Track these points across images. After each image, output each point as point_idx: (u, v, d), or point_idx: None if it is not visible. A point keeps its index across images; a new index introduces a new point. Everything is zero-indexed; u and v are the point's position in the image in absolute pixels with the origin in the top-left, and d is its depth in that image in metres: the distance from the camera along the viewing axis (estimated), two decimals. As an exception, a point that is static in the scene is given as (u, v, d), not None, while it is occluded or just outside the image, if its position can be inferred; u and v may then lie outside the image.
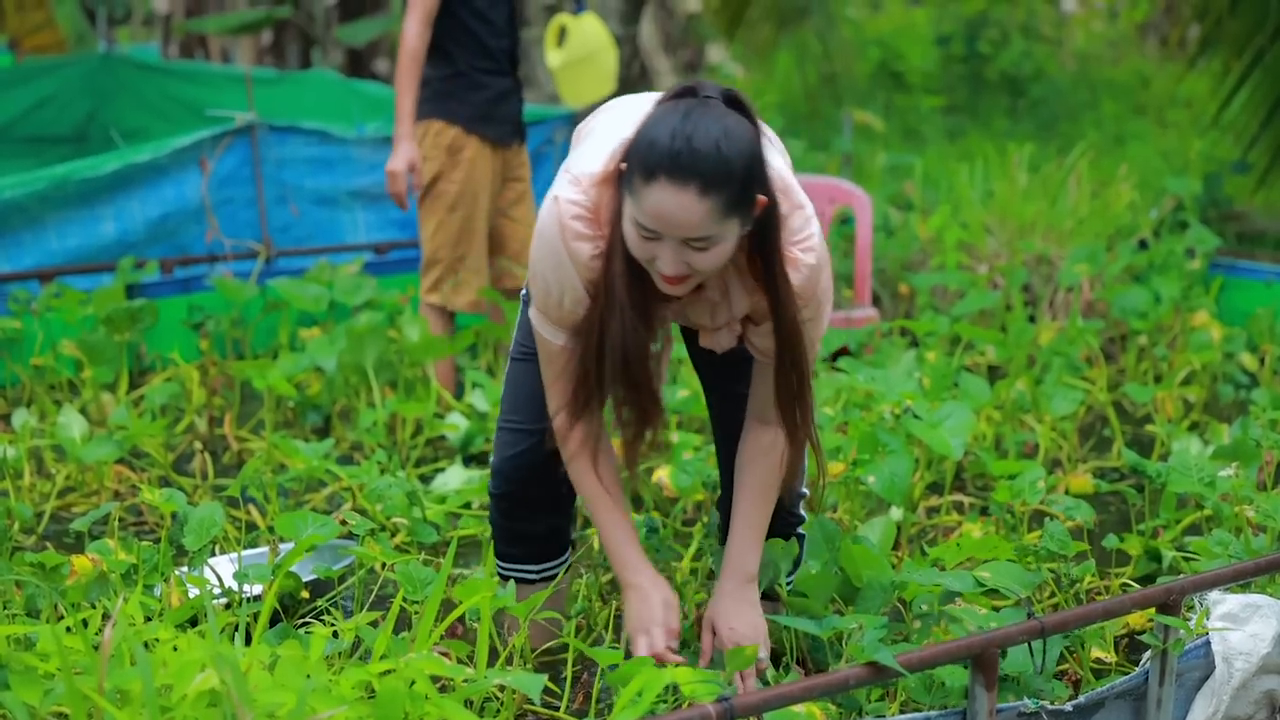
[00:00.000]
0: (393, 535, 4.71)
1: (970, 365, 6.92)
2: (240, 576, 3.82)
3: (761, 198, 3.21)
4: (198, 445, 5.91)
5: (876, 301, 8.01)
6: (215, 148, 7.66)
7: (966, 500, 5.40)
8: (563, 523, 4.08)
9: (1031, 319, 7.59)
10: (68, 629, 3.21)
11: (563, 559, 4.11)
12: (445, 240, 6.50)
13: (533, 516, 3.98)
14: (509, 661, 3.86)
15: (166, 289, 7.15)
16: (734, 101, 3.23)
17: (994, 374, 6.93)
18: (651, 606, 3.57)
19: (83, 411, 6.11)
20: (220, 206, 7.66)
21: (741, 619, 3.58)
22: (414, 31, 6.29)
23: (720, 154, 3.09)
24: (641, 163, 3.13)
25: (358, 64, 16.54)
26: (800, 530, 4.11)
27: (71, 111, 12.34)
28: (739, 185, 3.13)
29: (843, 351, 6.88)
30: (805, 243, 3.37)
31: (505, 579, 4.04)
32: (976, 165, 9.28)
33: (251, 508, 5.12)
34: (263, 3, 17.42)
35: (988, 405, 5.69)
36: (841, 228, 8.02)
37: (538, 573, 4.07)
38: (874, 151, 10.90)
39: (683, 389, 5.71)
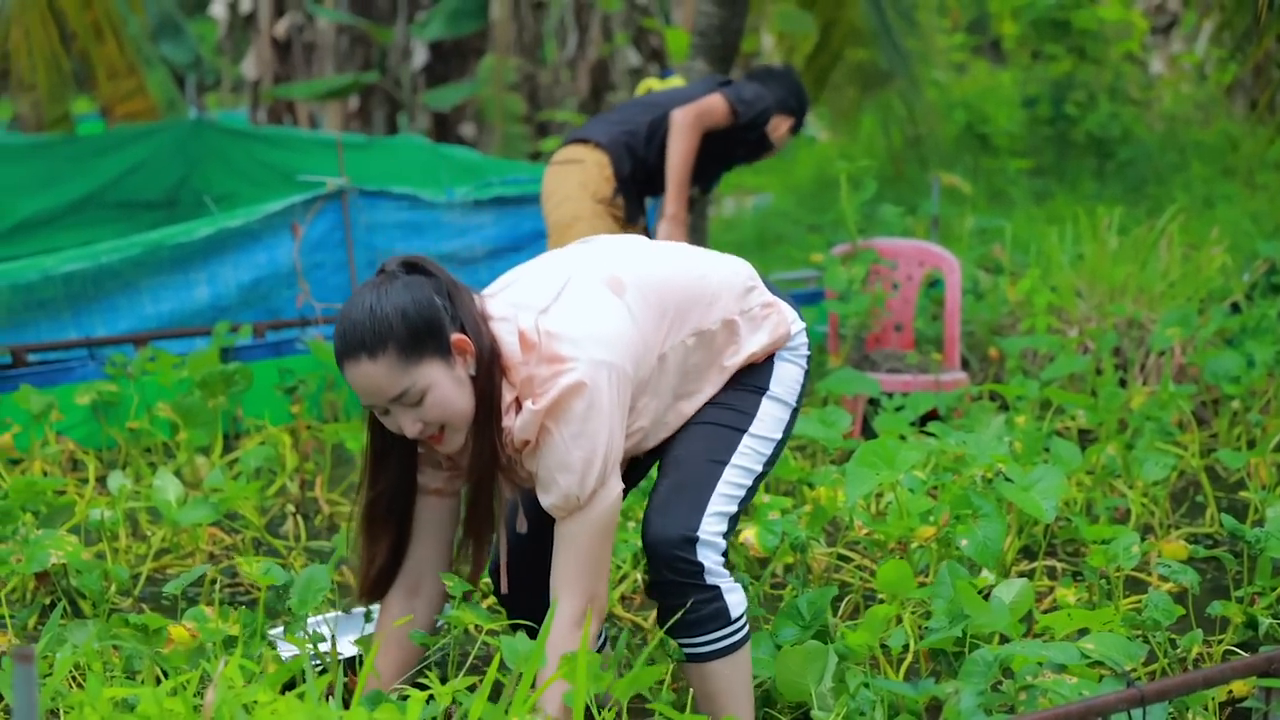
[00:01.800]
0: (484, 596, 4.72)
1: (1060, 430, 6.88)
2: (359, 643, 3.86)
3: (458, 336, 3.44)
4: (290, 508, 5.94)
5: (965, 365, 7.98)
6: (307, 212, 7.74)
7: (1059, 565, 5.37)
8: None
9: (1122, 383, 7.54)
10: (170, 692, 3.23)
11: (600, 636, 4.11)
12: None
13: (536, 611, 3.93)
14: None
15: (259, 352, 7.20)
16: (412, 267, 3.54)
17: (1084, 438, 6.89)
18: None
19: (177, 474, 6.16)
20: (311, 271, 7.73)
21: None
22: (697, 136, 6.71)
23: (374, 316, 3.39)
24: (335, 357, 3.49)
25: (444, 128, 16.66)
26: (722, 595, 3.70)
27: (163, 177, 12.48)
28: (403, 335, 3.39)
29: (932, 415, 6.86)
30: (548, 391, 3.48)
31: None
32: (1065, 228, 9.25)
33: (345, 569, 5.15)
34: (350, 68, 17.57)
35: (1079, 470, 5.65)
36: (930, 291, 8.01)
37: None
38: (961, 214, 10.88)
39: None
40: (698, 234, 7.16)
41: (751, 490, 3.81)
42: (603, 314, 3.59)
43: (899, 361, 7.37)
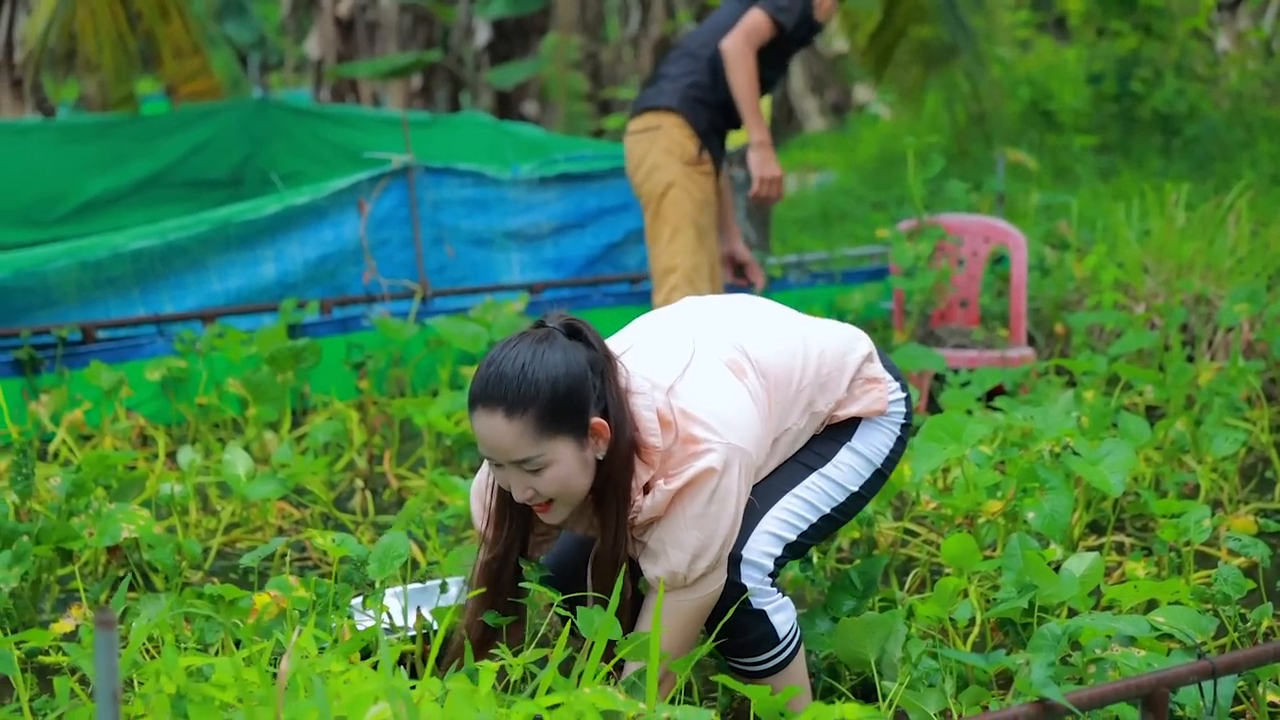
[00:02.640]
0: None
1: (1128, 405, 6.85)
2: (436, 612, 3.88)
3: (598, 420, 3.38)
4: (358, 483, 5.98)
5: (1031, 341, 7.95)
6: (373, 190, 7.77)
7: (1127, 540, 5.35)
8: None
9: (1190, 359, 7.51)
10: (244, 661, 3.26)
11: None
12: (683, 248, 6.62)
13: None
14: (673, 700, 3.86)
15: (325, 329, 7.24)
16: (574, 332, 3.44)
17: (1151, 414, 6.86)
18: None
19: (246, 449, 6.20)
20: (377, 247, 7.77)
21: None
22: (753, 60, 6.68)
23: (525, 377, 3.32)
24: (469, 396, 3.42)
25: (506, 106, 16.70)
26: (767, 618, 3.68)
27: (228, 156, 12.55)
28: (547, 405, 3.32)
29: (997, 391, 6.84)
30: (682, 472, 3.45)
31: None
32: (1132, 204, 9.20)
33: (412, 544, 5.17)
34: (413, 47, 17.62)
35: (1147, 445, 5.63)
36: (996, 267, 7.98)
37: None
38: (1027, 191, 10.84)
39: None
40: (725, 205, 7.10)
41: (817, 530, 3.77)
42: (731, 397, 3.55)
43: (964, 337, 7.36)
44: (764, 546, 3.61)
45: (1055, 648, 3.59)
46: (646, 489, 3.47)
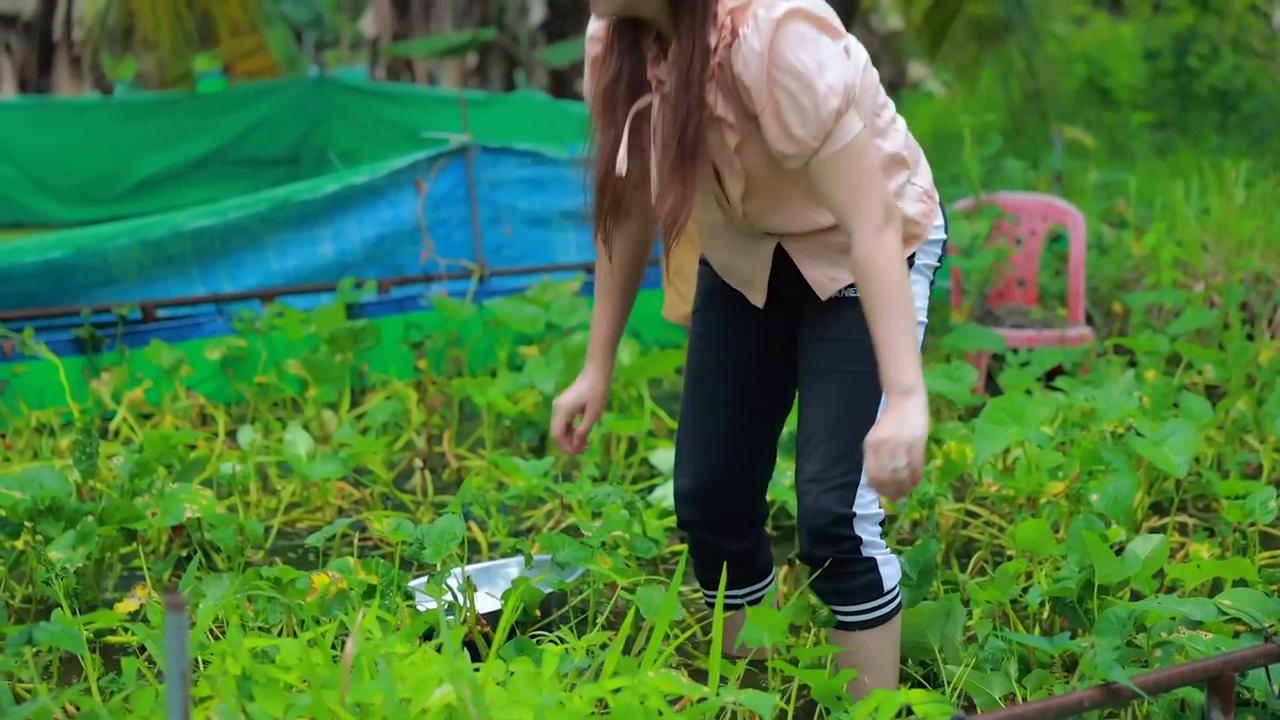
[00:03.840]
0: (613, 549, 4.73)
1: (1188, 385, 6.82)
2: (512, 592, 3.88)
3: None
4: (417, 463, 5.99)
5: (1089, 321, 7.92)
6: (430, 169, 7.78)
7: (1190, 521, 5.33)
8: (754, 546, 4.02)
9: (1250, 337, 7.47)
10: (308, 643, 3.28)
11: (764, 583, 4.10)
12: None
13: (722, 543, 3.93)
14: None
15: (383, 308, 7.26)
16: None
17: (1211, 393, 6.82)
18: (569, 393, 3.84)
19: (305, 428, 6.22)
20: (435, 227, 7.78)
21: (885, 427, 3.26)
22: None
23: None
24: None
25: (561, 84, 16.68)
26: (877, 568, 3.61)
27: (285, 134, 12.60)
28: None
29: (1057, 371, 6.81)
30: (774, 3, 3.22)
31: (710, 605, 4.06)
32: (1190, 182, 9.15)
33: (472, 524, 5.18)
34: (468, 25, 17.62)
35: (1209, 425, 5.59)
36: (1054, 245, 7.95)
37: (742, 598, 4.07)
38: (1084, 168, 10.79)
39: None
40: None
41: None
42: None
43: (1023, 317, 7.33)
44: (871, 495, 3.55)
45: (1121, 631, 3.58)
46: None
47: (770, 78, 3.19)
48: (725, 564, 3.80)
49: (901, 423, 3.22)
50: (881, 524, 3.59)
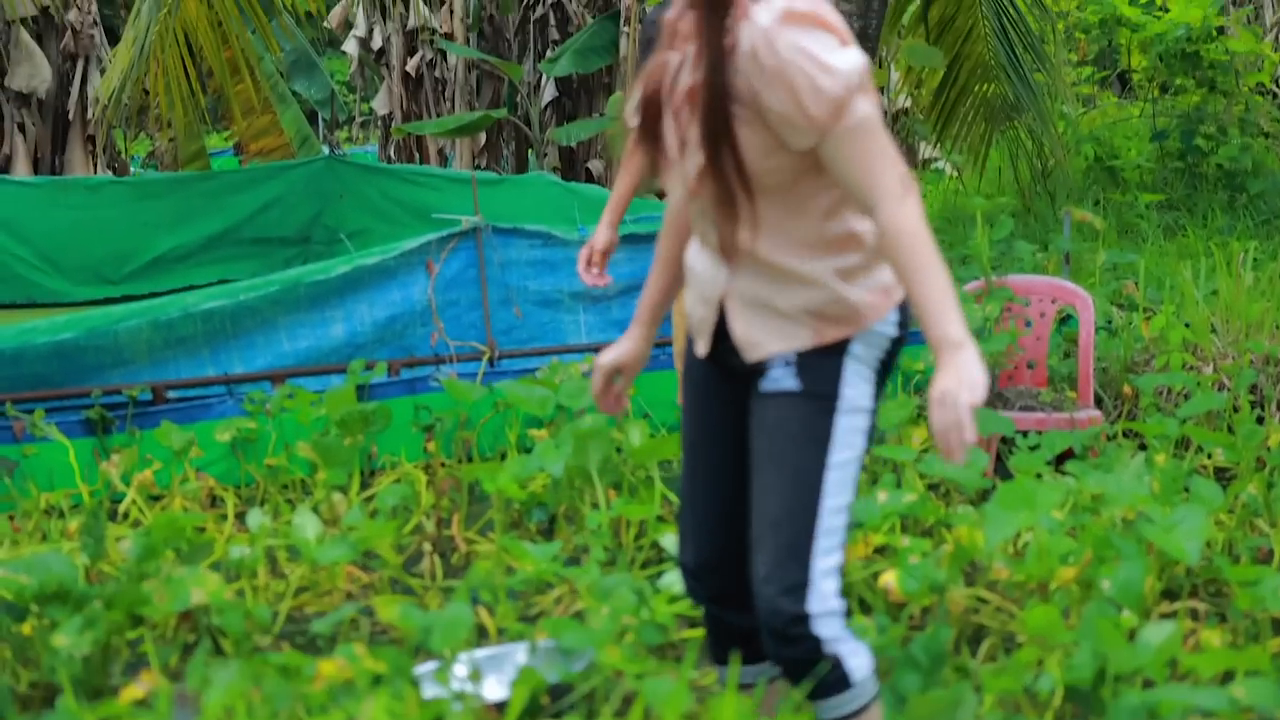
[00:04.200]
0: (620, 635, 4.72)
1: (1198, 468, 6.81)
2: (519, 683, 3.86)
3: None
4: (426, 546, 5.99)
5: (1099, 403, 7.92)
6: (441, 251, 7.80)
7: (1201, 607, 5.31)
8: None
9: (1260, 420, 7.46)
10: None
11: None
12: None
13: (730, 617, 3.86)
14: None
15: (394, 390, 7.27)
16: None
17: (1221, 476, 6.81)
18: (612, 350, 3.85)
19: (315, 511, 6.22)
20: (445, 308, 7.80)
21: (944, 379, 3.19)
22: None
23: None
24: None
25: (571, 163, 16.76)
26: (842, 663, 3.48)
27: (297, 213, 12.64)
28: None
29: (1068, 454, 6.81)
30: (770, 4, 3.26)
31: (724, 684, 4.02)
32: (1199, 263, 9.17)
33: (481, 609, 5.17)
34: (480, 104, 17.71)
35: (1219, 509, 5.58)
36: (1063, 327, 7.96)
37: (755, 675, 4.03)
38: (1093, 249, 10.81)
39: (909, 492, 5.68)
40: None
41: (852, 503, 3.56)
42: None
43: (1032, 399, 7.33)
44: (827, 586, 3.44)
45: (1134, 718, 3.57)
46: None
47: (782, 53, 3.22)
48: (735, 641, 3.77)
49: (959, 373, 3.17)
50: (847, 613, 3.53)
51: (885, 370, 3.59)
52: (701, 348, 3.64)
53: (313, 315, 7.55)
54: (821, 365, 3.45)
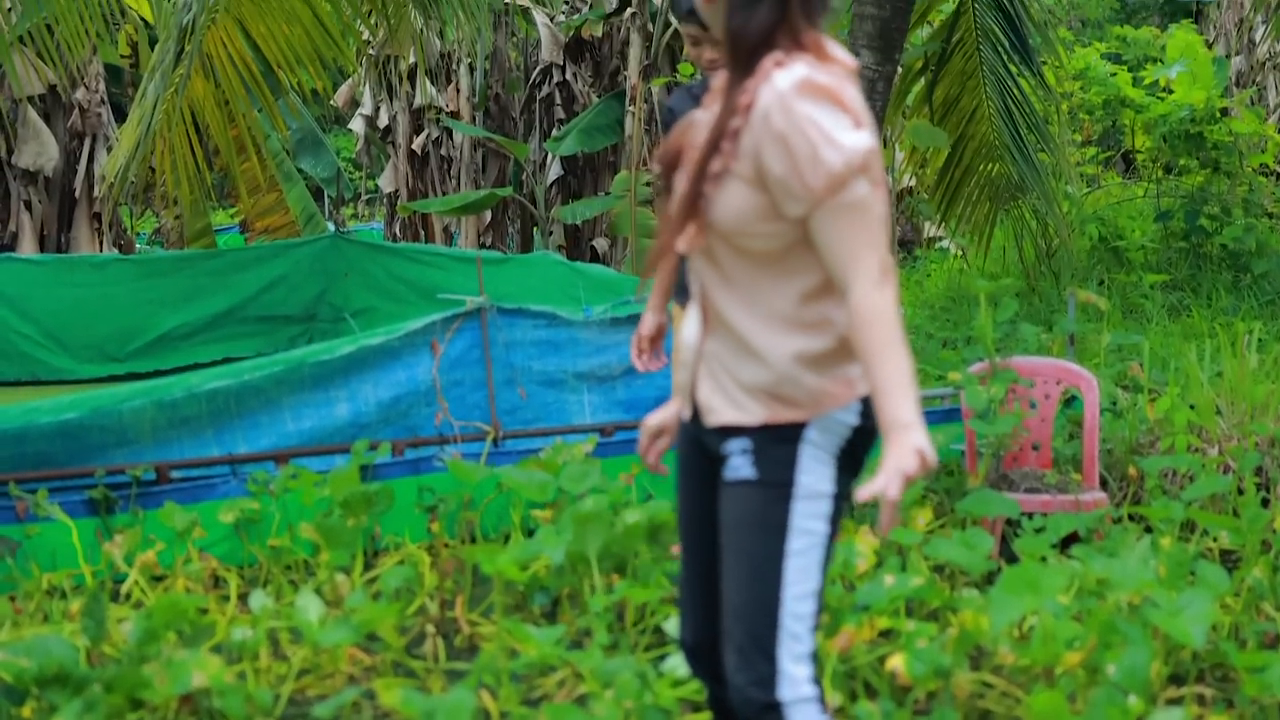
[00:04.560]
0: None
1: (1204, 552, 6.79)
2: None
3: None
4: (429, 628, 5.96)
5: (1104, 484, 7.90)
6: (446, 331, 7.80)
7: (1208, 692, 5.28)
8: None
9: (1265, 503, 7.44)
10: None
11: None
12: None
13: (726, 696, 3.87)
14: None
15: (397, 470, 7.26)
16: None
17: (1227, 558, 6.80)
18: (661, 414, 3.89)
19: (317, 592, 6.20)
20: (450, 388, 7.79)
21: (889, 459, 3.21)
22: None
23: None
24: None
25: (576, 242, 16.81)
26: None
27: (302, 291, 12.66)
28: None
29: (1073, 537, 6.79)
30: (791, 72, 3.33)
31: None
32: (1204, 344, 9.17)
33: (484, 692, 5.15)
34: (485, 182, 17.77)
35: (1225, 593, 5.56)
36: (1068, 409, 7.95)
37: None
38: (1097, 330, 10.82)
39: (915, 575, 5.66)
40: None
41: (820, 588, 3.54)
42: None
43: (1037, 481, 7.32)
44: (798, 673, 3.42)
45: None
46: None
47: (792, 118, 3.28)
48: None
49: (900, 454, 3.20)
50: (819, 699, 3.47)
51: (851, 459, 3.57)
52: (685, 411, 3.68)
53: (317, 395, 7.55)
54: (777, 452, 3.46)
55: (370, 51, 18.88)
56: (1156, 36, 22.08)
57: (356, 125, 19.60)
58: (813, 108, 3.28)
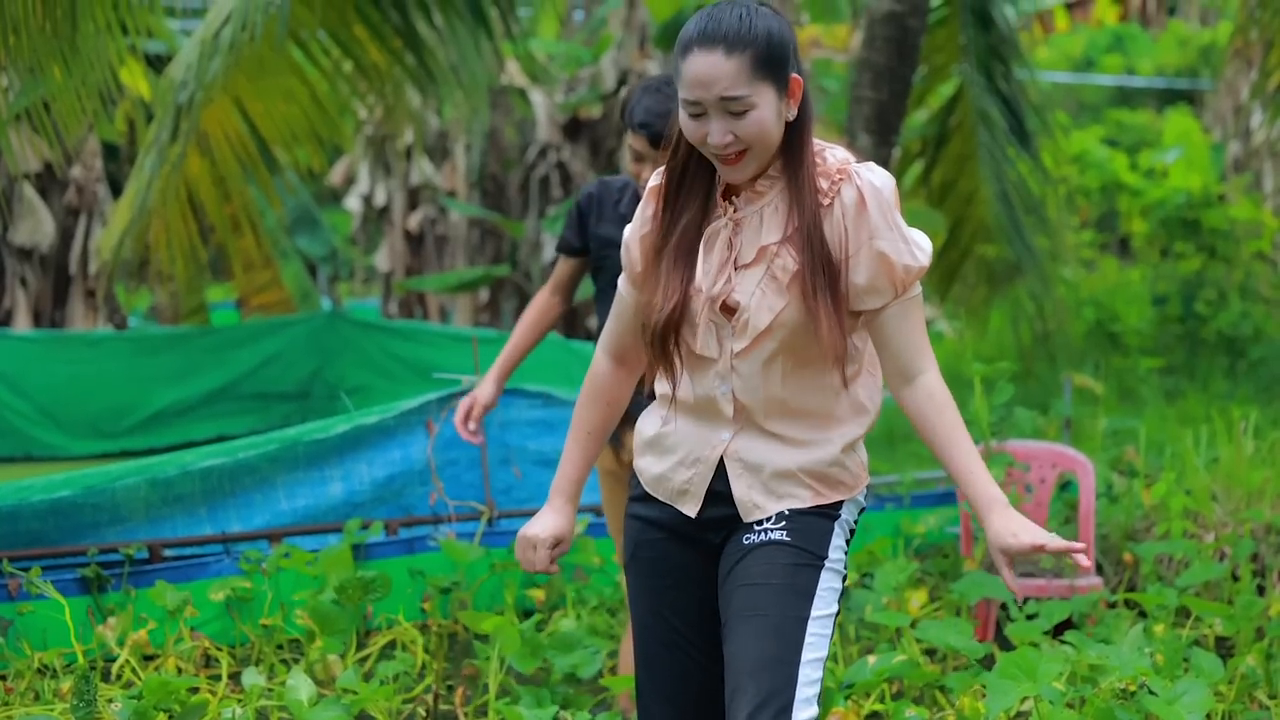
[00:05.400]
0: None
1: (1198, 638, 6.77)
2: None
3: (795, 76, 3.46)
4: (421, 711, 5.92)
5: (1099, 570, 7.89)
6: (441, 410, 7.80)
7: (1203, 782, 5.25)
8: None
9: (1260, 590, 7.42)
10: None
11: None
12: None
13: None
14: None
15: (391, 549, 7.24)
16: (764, 5, 3.52)
17: (1220, 646, 6.77)
18: (548, 525, 3.77)
19: (309, 672, 6.17)
20: (444, 468, 7.78)
21: (1012, 520, 3.38)
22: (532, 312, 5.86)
23: (742, 22, 3.42)
24: (679, 47, 3.47)
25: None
26: None
27: (296, 369, 12.69)
28: (764, 46, 3.41)
29: (1067, 624, 6.77)
30: (868, 166, 3.50)
31: None
32: (1199, 429, 9.16)
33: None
34: (481, 261, 17.81)
35: (1219, 682, 5.54)
36: (1063, 493, 7.95)
37: None
38: (1093, 414, 10.82)
39: (900, 654, 5.63)
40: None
41: (822, 670, 3.55)
42: None
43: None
44: None
45: None
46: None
47: (875, 223, 3.44)
48: None
49: (1023, 522, 3.36)
50: None
51: (853, 535, 3.70)
52: (691, 507, 3.64)
53: (311, 474, 7.53)
54: (813, 525, 3.55)
55: (367, 130, 18.94)
56: (1153, 121, 22.21)
57: (353, 203, 19.65)
58: (893, 212, 3.45)
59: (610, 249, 5.35)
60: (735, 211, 3.54)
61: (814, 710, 3.44)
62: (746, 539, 3.56)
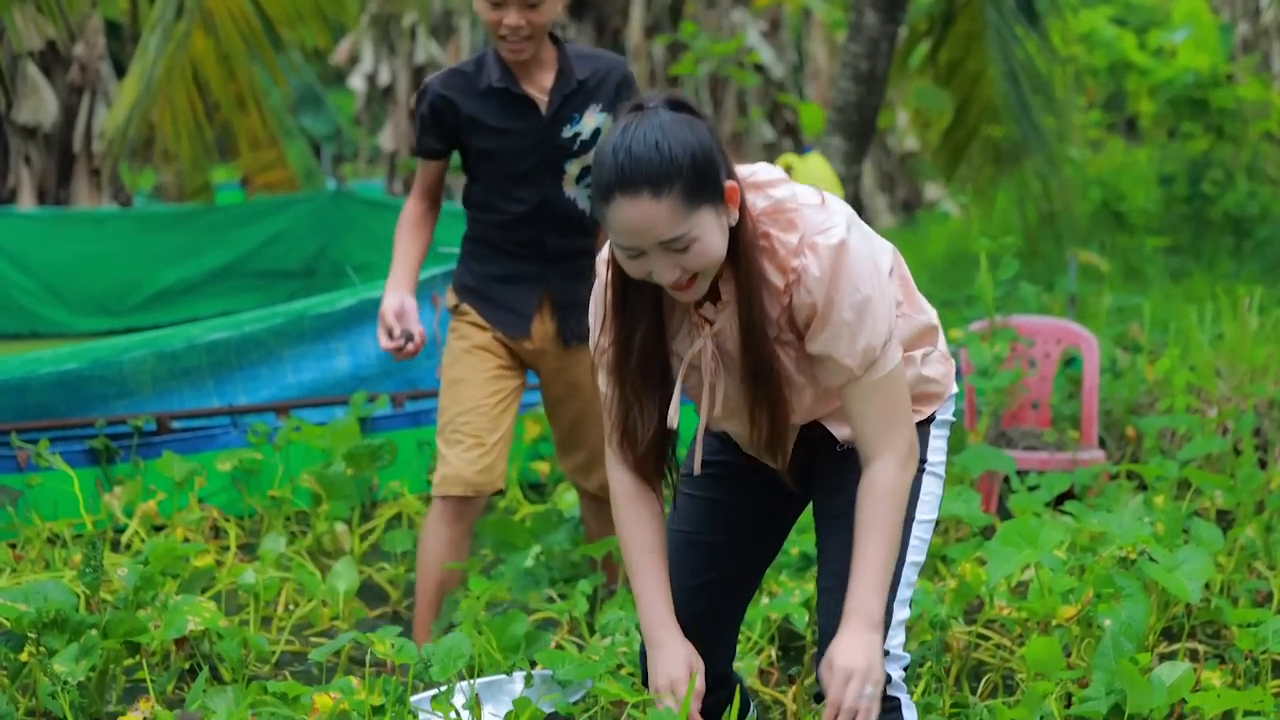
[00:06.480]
0: (618, 668, 4.68)
1: (1198, 511, 6.79)
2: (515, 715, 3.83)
3: (730, 183, 3.21)
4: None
5: (1102, 444, 7.91)
6: (446, 284, 7.78)
7: (1200, 648, 5.30)
8: (725, 700, 3.79)
9: (1262, 464, 7.44)
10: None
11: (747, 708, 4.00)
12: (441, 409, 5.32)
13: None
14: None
15: (397, 422, 7.26)
16: (678, 105, 3.24)
17: (1221, 519, 6.80)
18: (676, 664, 3.44)
19: (317, 543, 6.21)
20: (449, 341, 7.78)
21: (855, 654, 3.25)
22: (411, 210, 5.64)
23: (660, 153, 3.11)
24: (598, 189, 3.17)
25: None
26: (900, 709, 3.48)
27: (301, 247, 12.67)
28: (690, 176, 3.13)
29: (1068, 494, 6.79)
30: (827, 231, 3.26)
31: None
32: (1204, 307, 9.16)
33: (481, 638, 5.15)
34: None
35: (1219, 552, 5.57)
36: (1068, 369, 7.96)
37: None
38: (1098, 292, 10.81)
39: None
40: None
41: (919, 573, 3.62)
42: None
43: (1035, 439, 7.33)
44: (897, 638, 3.46)
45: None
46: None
47: (830, 303, 3.23)
48: None
49: (870, 654, 3.23)
50: (906, 668, 3.50)
51: (952, 428, 3.69)
52: (782, 464, 3.54)
53: (317, 347, 7.55)
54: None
55: (372, 8, 18.83)
56: (1162, 1, 22.05)
57: (356, 83, 19.58)
58: (849, 288, 3.24)
59: (477, 133, 5.18)
60: (713, 327, 3.36)
61: (907, 613, 3.48)
62: (840, 447, 3.55)
